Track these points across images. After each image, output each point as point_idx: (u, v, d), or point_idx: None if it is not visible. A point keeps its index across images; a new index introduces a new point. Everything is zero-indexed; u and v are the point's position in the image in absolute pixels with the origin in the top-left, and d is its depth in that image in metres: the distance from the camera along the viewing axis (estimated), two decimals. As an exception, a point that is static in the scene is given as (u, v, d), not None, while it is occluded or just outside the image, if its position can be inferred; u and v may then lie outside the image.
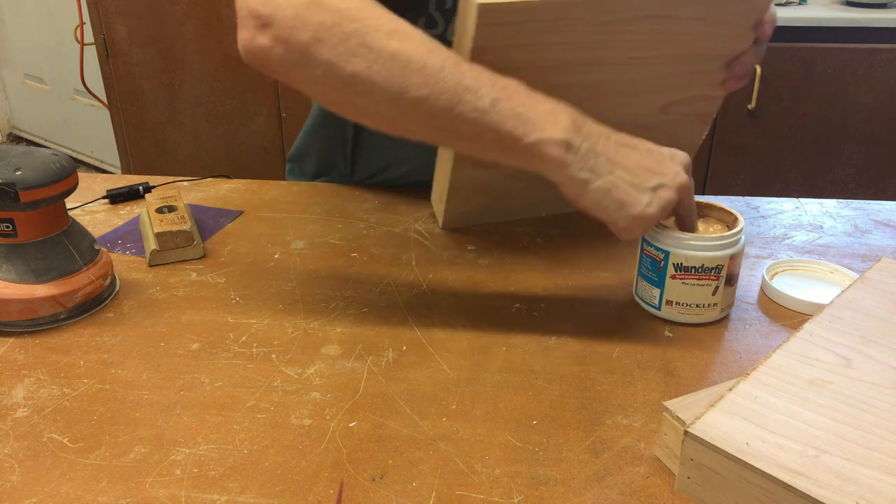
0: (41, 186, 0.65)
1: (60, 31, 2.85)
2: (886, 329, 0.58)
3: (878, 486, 0.43)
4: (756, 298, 0.73)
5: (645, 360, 0.64)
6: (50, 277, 0.68)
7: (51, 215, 0.68)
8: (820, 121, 1.96)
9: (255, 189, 0.97)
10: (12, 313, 0.67)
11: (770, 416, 0.48)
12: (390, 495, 0.50)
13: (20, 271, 0.67)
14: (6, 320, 0.67)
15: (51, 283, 0.67)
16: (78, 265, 0.69)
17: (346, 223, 0.88)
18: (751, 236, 0.85)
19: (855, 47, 1.87)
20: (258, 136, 2.17)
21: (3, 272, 0.67)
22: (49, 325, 0.68)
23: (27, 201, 0.65)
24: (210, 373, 0.62)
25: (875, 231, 0.87)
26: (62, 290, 0.68)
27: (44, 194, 0.65)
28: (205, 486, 0.51)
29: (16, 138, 3.48)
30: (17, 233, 0.66)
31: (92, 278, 0.70)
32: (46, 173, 0.65)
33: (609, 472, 0.52)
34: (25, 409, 0.58)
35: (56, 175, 0.66)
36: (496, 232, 0.86)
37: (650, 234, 0.68)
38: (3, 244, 0.67)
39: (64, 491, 0.50)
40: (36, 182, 0.65)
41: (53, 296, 0.67)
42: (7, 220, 0.66)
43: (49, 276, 0.68)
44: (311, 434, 0.56)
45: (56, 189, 0.66)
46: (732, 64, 0.75)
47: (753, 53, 0.75)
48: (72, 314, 0.69)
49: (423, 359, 0.64)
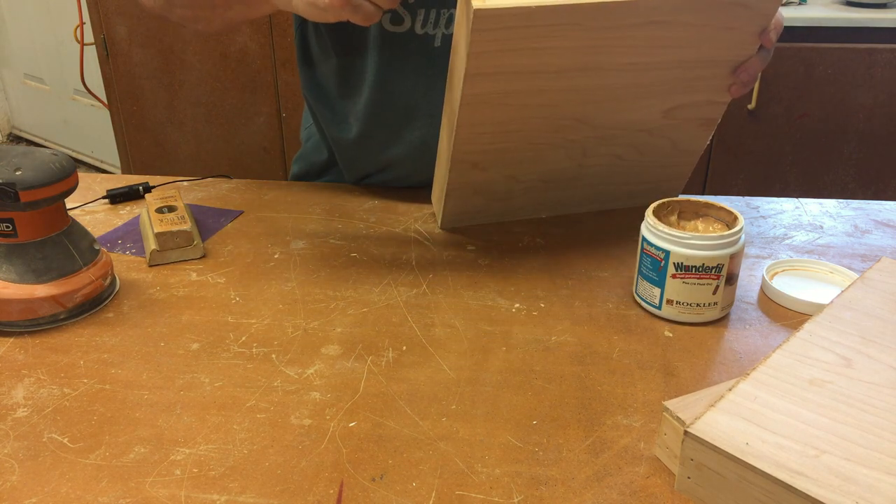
0: (41, 186, 0.65)
1: (60, 31, 2.85)
2: (886, 329, 0.58)
3: (878, 486, 0.43)
4: (756, 298, 0.73)
5: (645, 360, 0.64)
6: (50, 277, 0.68)
7: (51, 215, 0.68)
8: (820, 121, 1.96)
9: (255, 189, 0.97)
10: (12, 313, 0.67)
11: (770, 416, 0.48)
12: (390, 495, 0.50)
13: (20, 271, 0.67)
14: (6, 320, 0.67)
15: (51, 283, 0.67)
16: (78, 265, 0.69)
17: (346, 223, 0.88)
18: (751, 236, 0.85)
19: (855, 47, 1.87)
20: (258, 136, 2.17)
21: (3, 272, 0.67)
22: (49, 325, 0.68)
23: (27, 201, 0.64)
24: (210, 373, 0.62)
25: (875, 231, 0.87)
26: (62, 290, 0.68)
27: (44, 194, 0.65)
28: (205, 486, 0.51)
29: (16, 138, 3.48)
30: (18, 233, 0.66)
31: (92, 278, 0.70)
32: (46, 173, 0.65)
33: (609, 472, 0.52)
34: (25, 409, 0.58)
35: (56, 175, 0.66)
36: (496, 232, 0.86)
37: (651, 234, 0.68)
38: (3, 244, 0.67)
39: (64, 491, 0.50)
40: (36, 182, 0.65)
41: (53, 296, 0.67)
42: (7, 220, 0.66)
43: (49, 276, 0.67)
44: (311, 434, 0.56)
45: (56, 189, 0.66)
46: (738, 70, 0.75)
47: (759, 59, 0.75)
48: (72, 314, 0.69)
49: (423, 359, 0.64)
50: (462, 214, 0.86)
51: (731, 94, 0.78)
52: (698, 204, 0.72)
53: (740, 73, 0.76)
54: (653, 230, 0.67)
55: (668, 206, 0.72)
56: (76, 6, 2.36)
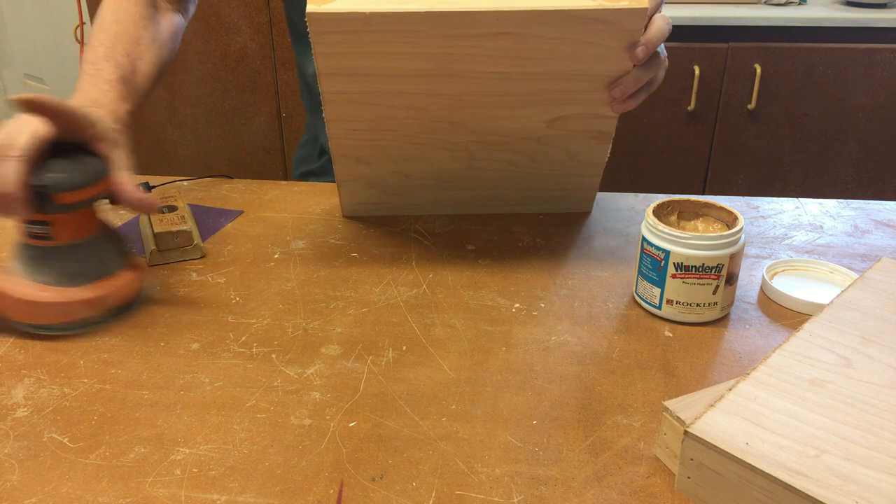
0: (76, 189, 0.64)
1: (60, 31, 2.85)
2: (886, 329, 0.58)
3: (878, 486, 0.43)
4: (756, 298, 0.73)
5: (645, 360, 0.64)
6: (86, 280, 0.67)
7: (85, 218, 0.67)
8: (820, 121, 1.96)
9: (255, 189, 0.97)
10: (48, 316, 0.66)
11: (770, 415, 0.48)
12: (390, 495, 0.50)
13: (56, 274, 0.66)
14: (41, 323, 0.66)
15: (87, 287, 0.67)
16: (113, 268, 0.69)
17: (346, 223, 0.88)
18: (751, 236, 0.86)
19: (855, 47, 1.87)
20: (258, 136, 2.17)
21: (39, 275, 0.66)
22: (83, 328, 0.67)
23: (63, 203, 0.64)
24: (210, 373, 0.62)
25: (875, 231, 0.87)
26: (98, 294, 0.67)
27: (79, 196, 0.65)
28: (205, 486, 0.51)
29: (16, 138, 3.47)
30: (53, 236, 0.66)
31: (126, 281, 0.70)
32: (82, 175, 0.65)
33: (609, 472, 0.52)
34: (25, 409, 0.58)
35: (90, 178, 0.65)
36: (496, 232, 0.86)
37: (651, 234, 0.68)
38: (38, 247, 0.66)
39: (64, 491, 0.50)
40: (72, 184, 0.64)
41: (90, 299, 0.67)
42: (43, 223, 0.65)
43: (85, 279, 0.67)
44: (311, 434, 0.56)
45: (91, 191, 0.65)
46: (612, 86, 0.72)
47: (636, 76, 0.71)
48: (106, 317, 0.69)
49: (423, 359, 0.64)
50: (360, 205, 0.88)
51: (612, 111, 0.75)
52: (698, 204, 0.72)
53: (613, 90, 0.72)
54: (653, 230, 0.67)
55: (668, 206, 0.72)
56: (76, 6, 2.36)
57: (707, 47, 1.89)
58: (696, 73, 1.90)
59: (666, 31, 0.69)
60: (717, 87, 1.93)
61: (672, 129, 1.99)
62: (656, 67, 0.72)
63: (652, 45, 0.68)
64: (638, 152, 2.03)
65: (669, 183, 2.06)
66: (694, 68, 1.90)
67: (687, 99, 1.94)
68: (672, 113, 1.97)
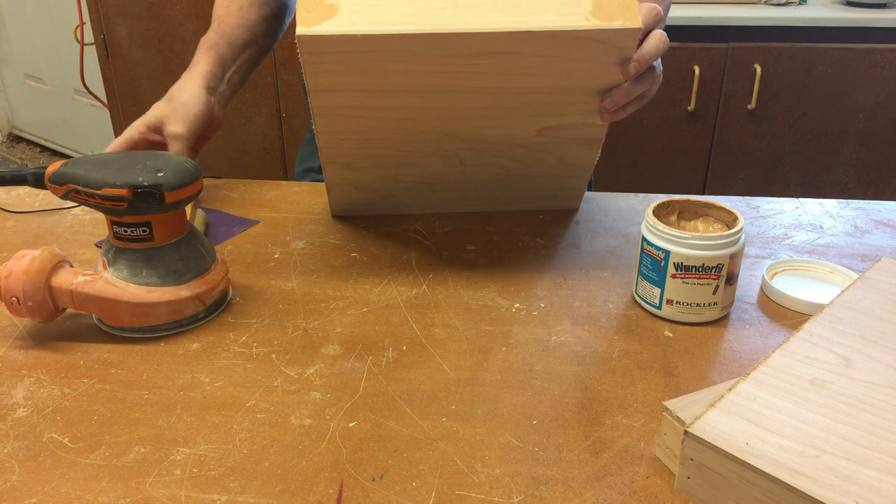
0: (183, 187, 0.64)
1: (60, 31, 2.85)
2: (886, 329, 0.58)
3: (878, 486, 0.43)
4: (756, 298, 0.73)
5: (645, 360, 0.64)
6: (190, 277, 0.67)
7: (182, 216, 0.68)
8: (820, 121, 1.96)
9: (255, 189, 0.97)
10: (160, 316, 0.66)
11: (770, 416, 0.48)
12: (390, 495, 0.50)
13: (162, 274, 0.66)
14: (152, 325, 0.66)
15: (192, 283, 0.67)
16: (209, 262, 0.69)
17: (346, 223, 0.88)
18: (751, 236, 0.86)
19: (855, 47, 1.87)
20: (258, 136, 2.17)
21: (144, 277, 0.66)
22: (190, 325, 0.68)
23: (171, 202, 0.64)
24: (210, 373, 0.62)
25: (875, 231, 0.87)
26: (203, 289, 0.68)
27: (184, 195, 0.65)
28: (205, 485, 0.51)
29: (16, 138, 3.48)
30: (154, 236, 0.66)
31: (223, 274, 0.70)
32: (185, 174, 0.65)
33: (609, 472, 0.52)
34: (25, 409, 0.58)
35: (193, 175, 0.66)
36: (496, 232, 0.86)
37: (651, 234, 0.68)
38: (139, 249, 0.66)
39: (64, 491, 0.50)
40: (179, 183, 0.64)
41: (197, 294, 0.67)
42: (144, 224, 0.65)
43: (189, 276, 0.67)
44: (311, 434, 0.56)
45: (193, 189, 0.66)
46: (603, 97, 0.72)
47: (626, 90, 0.71)
48: (209, 312, 0.69)
49: (423, 359, 0.64)
50: (349, 206, 0.88)
51: (602, 121, 0.75)
52: (698, 204, 0.72)
53: (604, 101, 0.72)
54: (653, 230, 0.67)
55: (668, 206, 0.72)
56: (76, 6, 2.36)
57: (707, 47, 1.89)
58: (696, 73, 1.90)
59: (662, 49, 0.69)
60: (717, 87, 1.93)
61: (672, 129, 1.99)
62: (650, 82, 0.72)
63: (644, 62, 0.68)
64: (638, 152, 2.03)
65: (669, 183, 2.06)
66: (694, 68, 1.90)
67: (687, 99, 1.94)
68: (672, 113, 1.97)
